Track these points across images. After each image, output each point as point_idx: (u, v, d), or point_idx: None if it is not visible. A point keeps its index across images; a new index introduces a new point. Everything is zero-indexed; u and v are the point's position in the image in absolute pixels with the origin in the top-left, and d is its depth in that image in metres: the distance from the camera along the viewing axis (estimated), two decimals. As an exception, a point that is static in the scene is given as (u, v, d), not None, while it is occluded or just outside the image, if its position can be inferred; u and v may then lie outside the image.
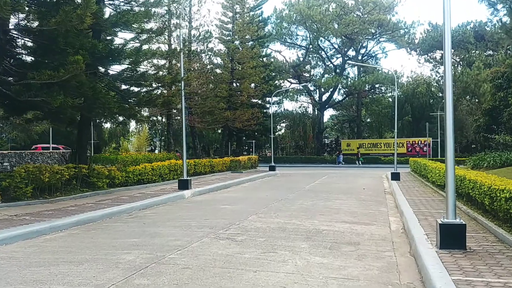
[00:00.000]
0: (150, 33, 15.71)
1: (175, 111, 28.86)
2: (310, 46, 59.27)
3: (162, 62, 17.55)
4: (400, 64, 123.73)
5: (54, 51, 12.54)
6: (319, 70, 63.92)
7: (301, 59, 60.76)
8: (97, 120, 53.24)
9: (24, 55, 13.78)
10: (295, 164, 51.78)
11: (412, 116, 56.87)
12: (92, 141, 53.43)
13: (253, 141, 53.10)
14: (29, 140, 53.33)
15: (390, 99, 61.30)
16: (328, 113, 78.70)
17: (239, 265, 7.08)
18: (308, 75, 62.14)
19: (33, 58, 13.91)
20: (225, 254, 7.84)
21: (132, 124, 60.69)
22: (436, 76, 64.10)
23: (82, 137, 17.14)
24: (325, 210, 13.75)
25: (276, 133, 64.07)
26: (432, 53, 65.42)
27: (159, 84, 17.55)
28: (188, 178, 18.86)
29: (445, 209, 7.99)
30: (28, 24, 12.44)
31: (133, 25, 14.14)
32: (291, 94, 63.15)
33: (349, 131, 70.61)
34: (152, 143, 61.08)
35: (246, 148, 57.41)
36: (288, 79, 61.68)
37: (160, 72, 17.26)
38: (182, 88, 18.32)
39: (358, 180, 27.54)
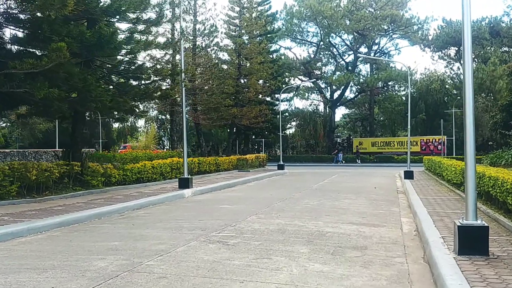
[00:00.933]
0: (148, 23, 14.80)
1: (178, 107, 27.97)
2: (321, 42, 58.09)
3: (161, 54, 16.59)
4: (414, 60, 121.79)
5: (39, 39, 11.69)
6: (331, 67, 62.73)
7: (312, 56, 59.56)
8: (106, 119, 52.82)
9: (8, 44, 12.93)
10: (306, 163, 50.73)
11: (426, 114, 55.43)
12: (101, 140, 53.04)
13: (263, 139, 52.12)
14: (32, 138, 52.88)
15: (403, 97, 59.89)
16: (340, 112, 77.53)
17: (225, 274, 6.12)
18: (319, 72, 60.85)
19: (18, 47, 13.08)
20: (211, 260, 6.87)
21: (141, 123, 60.16)
22: (451, 73, 62.65)
23: (76, 133, 16.29)
24: (332, 210, 12.74)
25: (287, 132, 62.97)
26: (446, 49, 63.89)
27: (159, 78, 16.65)
28: (189, 176, 17.95)
29: (465, 209, 6.95)
30: (10, 10, 11.58)
31: (127, 14, 13.26)
32: (302, 92, 61.92)
33: (362, 129, 69.32)
34: (161, 142, 60.38)
35: (256, 146, 56.38)
36: (298, 77, 60.50)
37: (159, 65, 16.35)
38: (182, 81, 17.42)
39: (369, 179, 26.45)
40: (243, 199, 15.54)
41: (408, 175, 23.36)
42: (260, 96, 38.96)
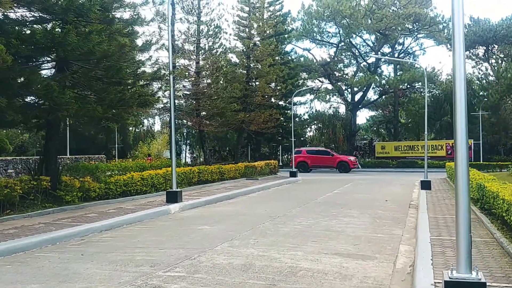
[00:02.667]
0: (121, 23, 13.39)
1: (179, 112, 26.58)
2: (342, 43, 56.11)
3: (146, 56, 15.17)
4: (439, 61, 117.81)
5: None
6: (352, 68, 60.59)
7: (332, 57, 57.50)
8: (120, 124, 51.91)
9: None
10: (325, 169, 48.84)
11: (452, 117, 52.73)
12: (116, 146, 52.13)
13: (279, 144, 50.43)
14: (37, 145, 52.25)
15: (429, 99, 57.31)
16: (364, 114, 75.36)
17: None
18: (339, 74, 58.76)
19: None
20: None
21: (157, 127, 59.08)
22: (479, 73, 59.83)
23: (50, 144, 14.93)
24: (323, 233, 11.07)
25: (306, 136, 61.07)
26: (474, 49, 61.07)
27: (142, 83, 15.22)
28: (177, 189, 16.44)
29: (456, 256, 5.25)
30: None
31: (92, 13, 11.84)
32: (322, 94, 59.85)
33: (386, 133, 66.94)
34: (177, 147, 59.21)
35: (273, 151, 54.64)
36: (319, 79, 58.48)
37: (146, 69, 14.93)
38: (172, 84, 15.95)
39: (385, 188, 24.58)
40: (230, 217, 13.97)
41: (425, 185, 21.46)
42: (273, 99, 37.33)
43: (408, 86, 56.37)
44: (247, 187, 23.20)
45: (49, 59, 13.68)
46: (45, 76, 14.09)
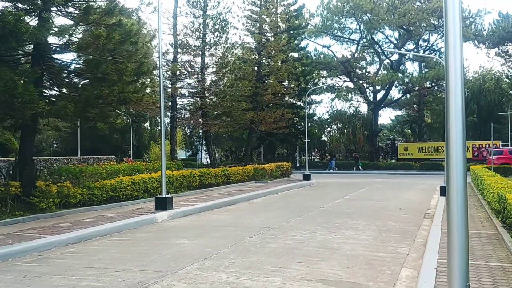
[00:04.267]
0: (99, 14, 12.06)
1: (177, 112, 25.24)
2: (363, 40, 54.10)
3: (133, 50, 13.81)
4: (465, 57, 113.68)
5: None
6: (373, 66, 58.40)
7: (353, 54, 55.43)
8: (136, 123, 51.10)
9: None
10: (344, 171, 47.09)
11: (479, 116, 50.30)
12: (132, 146, 51.24)
13: (292, 145, 48.72)
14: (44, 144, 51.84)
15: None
16: (387, 114, 73.26)
17: None
18: (360, 71, 56.64)
19: None
20: None
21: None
22: (508, 71, 57.17)
23: (24, 146, 13.73)
24: (315, 251, 9.57)
25: (324, 136, 59.17)
26: (503, 46, 58.32)
27: (132, 78, 13.91)
28: (167, 195, 15.09)
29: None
30: None
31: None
32: (343, 92, 57.83)
33: (411, 133, 64.62)
34: (192, 147, 58.12)
35: (290, 152, 52.96)
36: (338, 76, 56.46)
37: (130, 63, 13.56)
38: (161, 80, 14.58)
39: (402, 193, 22.86)
40: (218, 228, 12.53)
41: (445, 191, 19.65)
42: (287, 98, 35.64)
43: (433, 84, 53.99)
44: (253, 192, 21.77)
45: (23, 53, 12.47)
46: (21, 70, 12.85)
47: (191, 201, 17.78)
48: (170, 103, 25.23)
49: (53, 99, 11.52)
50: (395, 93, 60.95)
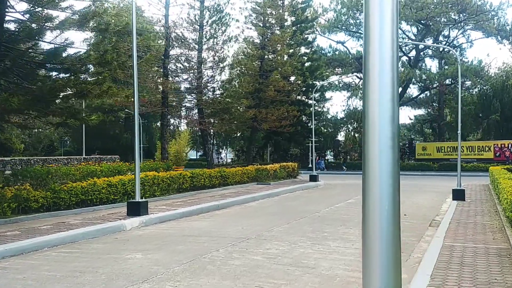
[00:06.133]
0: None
1: (169, 109, 23.71)
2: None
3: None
4: (487, 53, 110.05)
5: None
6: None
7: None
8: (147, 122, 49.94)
9: None
10: (359, 171, 45.07)
11: (502, 114, 47.75)
12: (142, 146, 50.01)
13: (299, 145, 46.89)
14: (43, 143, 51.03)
15: (476, 95, 52.12)
16: (405, 113, 70.88)
17: None
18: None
19: None
20: None
21: (183, 125, 56.60)
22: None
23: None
24: (285, 270, 7.98)
25: (340, 137, 57.17)
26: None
27: (98, 69, 12.47)
28: (141, 200, 13.63)
29: None
30: None
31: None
32: (357, 90, 55.52)
33: (431, 132, 62.10)
34: (204, 147, 56.60)
35: (304, 152, 51.09)
36: (353, 73, 54.29)
37: (93, 52, 12.11)
38: (135, 71, 13.10)
39: (412, 197, 21.01)
40: (187, 239, 10.99)
41: (458, 194, 17.88)
42: (294, 95, 33.79)
43: (453, 81, 51.59)
44: (249, 194, 20.19)
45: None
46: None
47: (175, 205, 16.29)
48: (161, 99, 23.76)
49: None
50: (413, 91, 58.75)
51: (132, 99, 13.74)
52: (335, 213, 15.36)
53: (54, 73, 12.11)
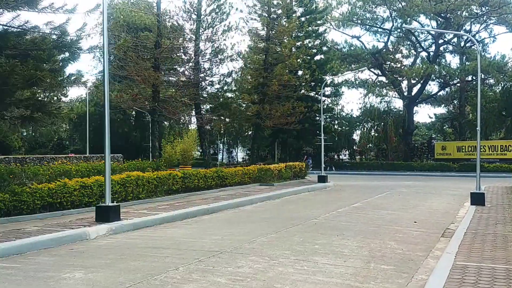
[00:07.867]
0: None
1: (160, 103, 22.07)
2: (398, 30, 49.71)
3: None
4: (510, 48, 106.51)
5: None
6: (409, 58, 53.84)
7: (385, 44, 50.93)
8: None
9: None
10: (374, 172, 43.19)
11: (526, 113, 45.28)
12: (151, 144, 48.59)
13: (307, 143, 44.93)
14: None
15: (499, 91, 49.44)
16: (425, 111, 68.36)
17: None
18: (393, 64, 52.02)
19: None
20: None
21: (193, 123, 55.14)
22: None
23: None
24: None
25: (356, 135, 54.94)
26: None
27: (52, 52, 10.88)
28: (112, 204, 12.03)
29: None
30: None
31: None
32: (373, 87, 53.20)
33: (452, 131, 59.53)
34: (214, 146, 54.95)
35: (317, 151, 49.13)
36: (369, 69, 51.99)
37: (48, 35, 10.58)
38: (105, 58, 11.52)
39: (427, 201, 19.18)
40: (149, 252, 9.36)
41: (476, 199, 15.98)
42: (302, 91, 31.86)
43: (475, 78, 49.16)
44: (247, 197, 18.54)
45: None
46: None
47: (159, 209, 14.69)
48: (151, 93, 22.21)
49: None
50: (433, 88, 56.37)
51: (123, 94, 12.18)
52: (335, 220, 13.60)
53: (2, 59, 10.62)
